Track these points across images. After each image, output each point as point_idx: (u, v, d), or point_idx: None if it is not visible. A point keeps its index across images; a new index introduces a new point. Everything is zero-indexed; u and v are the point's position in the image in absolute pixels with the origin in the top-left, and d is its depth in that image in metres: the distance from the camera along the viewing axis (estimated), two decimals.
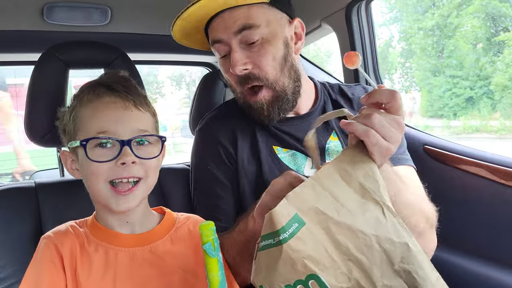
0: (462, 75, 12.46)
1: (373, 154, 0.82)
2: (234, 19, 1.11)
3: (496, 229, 1.33)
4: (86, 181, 0.94)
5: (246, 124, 1.25)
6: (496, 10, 11.23)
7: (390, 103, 0.85)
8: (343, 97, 1.32)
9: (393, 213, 0.80)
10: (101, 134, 0.90)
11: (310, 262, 0.78)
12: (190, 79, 14.10)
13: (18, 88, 5.75)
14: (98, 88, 0.95)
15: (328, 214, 0.79)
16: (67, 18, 1.48)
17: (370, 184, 0.81)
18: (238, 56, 1.11)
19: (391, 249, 0.77)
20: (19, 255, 1.12)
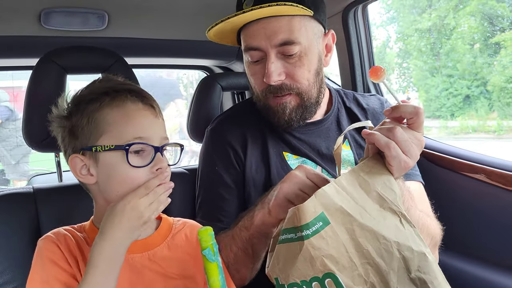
0: (459, 75, 12.47)
1: (391, 166, 0.84)
2: (276, 31, 1.10)
3: (493, 232, 1.33)
4: (115, 186, 0.90)
5: (258, 128, 1.25)
6: (493, 11, 11.25)
7: (413, 119, 0.87)
8: (357, 106, 1.33)
9: (409, 222, 0.81)
10: (137, 139, 0.89)
11: (330, 261, 0.79)
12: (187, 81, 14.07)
13: (16, 91, 5.73)
14: (125, 93, 0.94)
15: (353, 216, 0.81)
16: (64, 23, 1.48)
17: (388, 194, 0.83)
18: (275, 67, 1.11)
19: (410, 256, 0.79)
20: (18, 261, 1.12)
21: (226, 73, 2.08)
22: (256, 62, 1.16)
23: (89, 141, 0.92)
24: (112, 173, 0.90)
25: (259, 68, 1.15)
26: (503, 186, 1.30)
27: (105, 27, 1.54)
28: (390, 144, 0.83)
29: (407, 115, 0.87)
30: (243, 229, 1.04)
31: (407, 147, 0.84)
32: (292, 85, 1.14)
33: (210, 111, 1.65)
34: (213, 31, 1.15)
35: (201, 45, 1.87)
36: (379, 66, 0.93)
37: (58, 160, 1.45)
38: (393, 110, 0.88)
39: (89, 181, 0.94)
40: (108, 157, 0.90)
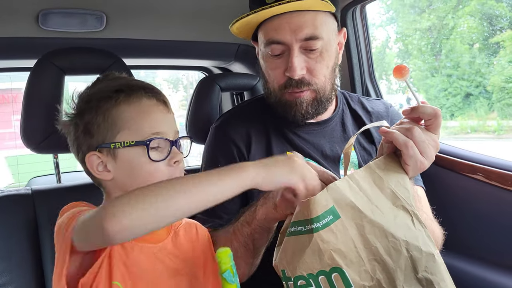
0: (458, 75, 12.49)
1: (407, 166, 0.85)
2: (301, 25, 1.10)
3: (493, 232, 1.33)
4: (137, 180, 0.91)
5: (262, 127, 1.26)
6: (492, 11, 11.27)
7: (431, 121, 0.88)
8: (362, 109, 1.34)
9: (421, 222, 0.82)
10: (154, 134, 0.92)
11: (338, 255, 0.79)
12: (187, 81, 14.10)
13: (14, 93, 5.74)
14: (137, 90, 0.95)
15: (364, 212, 0.81)
16: (62, 25, 1.47)
17: (401, 192, 0.83)
18: (299, 61, 1.12)
19: (418, 256, 0.79)
20: (16, 262, 1.13)
21: (225, 74, 2.08)
22: (277, 56, 1.16)
23: (106, 138, 0.93)
24: (133, 168, 0.92)
25: (279, 62, 1.16)
26: (503, 186, 1.29)
27: (103, 28, 1.54)
28: (408, 143, 0.84)
29: (426, 116, 0.88)
30: (244, 224, 1.05)
31: (424, 148, 0.85)
32: (310, 80, 1.15)
33: (209, 111, 1.65)
34: (237, 24, 1.16)
35: (200, 46, 1.87)
36: (403, 64, 0.94)
37: (57, 162, 1.45)
38: (412, 110, 0.89)
39: (106, 177, 0.95)
40: (127, 153, 0.92)
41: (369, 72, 1.79)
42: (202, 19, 1.67)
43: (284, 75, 1.15)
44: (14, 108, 5.53)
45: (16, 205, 1.19)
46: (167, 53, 1.89)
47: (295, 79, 1.13)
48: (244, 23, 1.15)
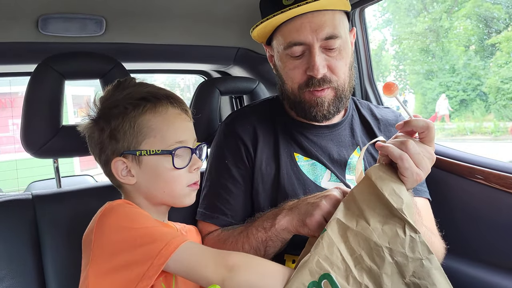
0: (454, 77, 12.53)
1: (404, 177, 0.88)
2: (322, 24, 1.12)
3: (493, 234, 1.34)
4: (160, 185, 0.98)
5: (270, 127, 1.27)
6: (488, 13, 11.32)
7: (425, 133, 0.91)
8: (371, 115, 1.35)
9: (414, 229, 0.84)
10: (178, 143, 0.97)
11: (325, 262, 0.84)
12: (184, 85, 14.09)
13: (13, 97, 5.73)
14: (162, 100, 0.99)
15: (348, 225, 0.87)
16: (62, 29, 1.47)
17: (395, 200, 0.86)
18: (320, 60, 1.13)
19: (404, 262, 0.83)
20: (17, 267, 1.12)
21: (224, 78, 2.08)
22: (297, 57, 1.16)
23: (131, 145, 0.97)
24: (156, 174, 0.97)
25: (299, 62, 1.16)
26: (501, 188, 1.30)
27: (103, 32, 1.54)
28: (403, 156, 0.87)
29: (419, 129, 0.91)
30: (260, 230, 1.06)
31: (419, 160, 0.88)
32: (331, 78, 1.16)
33: (209, 115, 1.65)
34: (258, 28, 1.17)
35: (199, 49, 1.87)
36: (392, 82, 0.97)
37: (57, 166, 1.45)
38: (405, 124, 0.92)
39: (130, 182, 0.99)
40: (152, 160, 0.97)
41: (368, 75, 1.79)
42: (201, 23, 1.68)
43: (304, 74, 1.16)
44: (12, 113, 5.52)
45: (17, 210, 1.18)
46: (167, 57, 1.89)
47: (318, 78, 1.14)
48: (262, 27, 1.17)
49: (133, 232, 0.86)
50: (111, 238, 0.87)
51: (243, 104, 2.08)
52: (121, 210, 0.91)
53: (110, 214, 0.90)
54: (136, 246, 0.84)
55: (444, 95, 12.09)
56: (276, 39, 1.20)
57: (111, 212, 0.91)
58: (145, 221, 0.89)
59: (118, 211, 0.91)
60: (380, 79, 13.46)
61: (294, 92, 1.20)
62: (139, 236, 0.85)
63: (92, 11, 1.47)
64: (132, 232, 0.86)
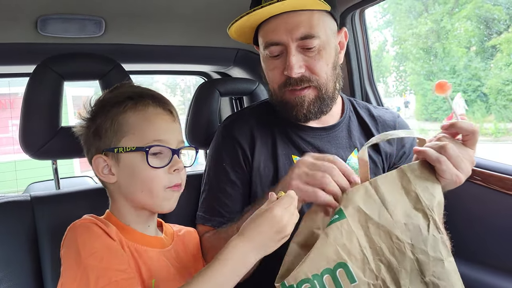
0: (455, 78, 12.53)
1: (443, 178, 0.88)
2: (297, 24, 1.12)
3: (492, 236, 1.33)
4: (137, 185, 0.96)
5: (268, 129, 1.27)
6: (489, 14, 11.32)
7: (469, 136, 0.92)
8: (369, 116, 1.34)
9: (438, 229, 0.84)
10: (156, 142, 0.95)
11: (342, 250, 0.83)
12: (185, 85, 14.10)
13: (12, 98, 5.73)
14: (145, 98, 0.99)
15: (368, 214, 0.85)
16: (61, 30, 1.47)
17: (426, 197, 0.86)
18: (296, 59, 1.13)
19: (425, 260, 0.82)
20: (15, 269, 1.12)
21: (224, 79, 2.08)
22: (276, 57, 1.17)
23: (111, 143, 0.96)
24: (133, 173, 0.95)
25: (278, 62, 1.17)
26: (501, 190, 1.29)
27: (102, 33, 1.54)
28: (441, 159, 0.88)
29: (463, 132, 0.92)
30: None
31: (459, 163, 0.89)
32: (311, 77, 1.16)
33: (208, 116, 1.65)
34: (234, 28, 1.17)
35: (199, 51, 1.87)
36: (445, 81, 0.98)
37: (55, 168, 1.44)
38: (450, 126, 0.92)
39: (110, 180, 0.98)
40: (129, 158, 0.95)
41: (368, 76, 1.79)
42: (201, 24, 1.67)
43: (282, 74, 1.16)
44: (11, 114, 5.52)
45: (15, 212, 1.18)
46: (166, 58, 1.89)
47: (294, 77, 1.14)
48: (240, 26, 1.17)
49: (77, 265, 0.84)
50: (64, 260, 0.88)
51: (243, 105, 2.08)
52: (79, 234, 0.89)
53: (69, 236, 0.90)
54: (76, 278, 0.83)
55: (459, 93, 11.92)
56: (259, 39, 1.21)
57: (71, 232, 0.91)
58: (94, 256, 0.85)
59: (76, 233, 0.89)
60: (380, 79, 13.46)
61: (276, 92, 1.21)
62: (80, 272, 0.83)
63: (91, 12, 1.46)
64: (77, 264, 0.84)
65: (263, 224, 0.83)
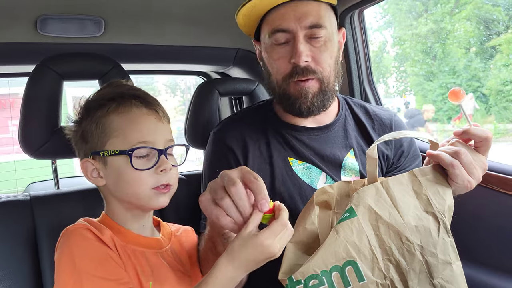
0: (455, 79, 12.53)
1: (454, 183, 0.89)
2: (306, 13, 1.13)
3: (492, 235, 1.33)
4: (124, 187, 0.95)
5: (261, 132, 1.26)
6: (488, 15, 11.32)
7: (482, 143, 0.93)
8: (365, 114, 1.34)
9: (448, 233, 0.85)
10: (141, 143, 0.94)
11: (352, 248, 0.83)
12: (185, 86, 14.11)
13: (12, 98, 5.73)
14: (128, 99, 0.98)
15: (379, 214, 0.86)
16: (61, 30, 1.47)
17: (437, 200, 0.87)
18: (304, 47, 1.13)
19: (434, 263, 0.83)
20: (14, 268, 1.12)
21: (224, 79, 2.08)
22: (282, 45, 1.16)
23: (97, 146, 0.96)
24: (119, 175, 0.95)
25: (284, 51, 1.16)
26: (501, 190, 1.30)
27: (102, 33, 1.54)
28: (454, 163, 0.88)
29: (477, 138, 0.93)
30: None
31: (471, 169, 0.90)
32: (316, 69, 1.16)
33: (208, 116, 1.65)
34: (242, 13, 1.18)
35: (199, 51, 1.87)
36: (459, 88, 0.99)
37: (55, 167, 1.44)
38: (463, 132, 0.94)
39: (99, 183, 0.98)
40: (115, 160, 0.95)
41: (368, 76, 1.79)
42: (201, 24, 1.68)
43: (289, 63, 1.16)
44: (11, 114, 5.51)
45: (14, 211, 1.18)
46: (166, 58, 1.89)
47: (301, 66, 1.14)
48: (248, 13, 1.17)
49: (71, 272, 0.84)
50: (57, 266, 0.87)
51: (242, 105, 2.08)
52: (73, 241, 0.89)
53: (63, 241, 0.90)
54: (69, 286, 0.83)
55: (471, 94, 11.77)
56: (262, 30, 1.21)
57: (64, 238, 0.90)
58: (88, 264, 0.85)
59: (69, 240, 0.89)
60: (380, 80, 13.46)
61: (279, 84, 1.20)
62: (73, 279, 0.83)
63: (91, 11, 1.46)
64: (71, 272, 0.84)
65: (253, 253, 0.77)
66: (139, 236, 0.99)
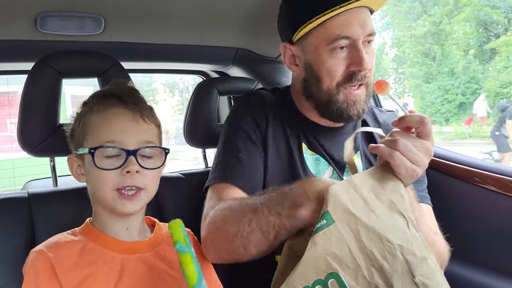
0: (453, 81, 12.55)
1: (399, 174, 0.88)
2: (365, 20, 1.13)
3: (490, 237, 1.34)
4: (92, 187, 0.97)
5: (280, 114, 1.25)
6: (487, 17, 11.34)
7: (420, 128, 0.91)
8: (373, 120, 1.34)
9: (415, 227, 0.84)
10: (109, 143, 0.93)
11: (333, 259, 0.80)
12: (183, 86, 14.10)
13: (10, 96, 5.72)
14: (108, 98, 0.98)
15: (358, 217, 0.83)
16: (60, 28, 1.47)
17: (397, 198, 0.86)
18: (366, 55, 1.12)
19: (413, 261, 0.81)
20: (12, 266, 1.11)
21: (223, 78, 2.08)
22: (339, 51, 1.13)
23: (78, 144, 0.98)
24: (89, 173, 0.97)
25: (342, 58, 1.14)
26: (499, 191, 1.30)
27: (102, 31, 1.54)
28: (393, 154, 0.87)
29: (414, 125, 0.91)
30: (274, 214, 0.96)
31: (413, 157, 0.88)
32: (367, 75, 1.15)
33: (207, 115, 1.65)
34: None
35: (198, 49, 1.87)
36: (383, 80, 1.00)
37: (53, 165, 1.44)
38: (399, 121, 0.93)
39: (82, 180, 1.01)
40: (87, 159, 0.96)
41: None
42: (201, 23, 1.67)
43: (346, 70, 1.14)
44: (10, 111, 5.51)
45: (12, 209, 1.17)
46: (165, 57, 1.89)
47: (361, 73, 1.13)
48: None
49: None
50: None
51: None
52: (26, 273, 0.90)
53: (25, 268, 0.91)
54: None
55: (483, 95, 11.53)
56: (312, 36, 1.16)
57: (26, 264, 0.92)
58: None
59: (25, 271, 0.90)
60: None
61: (330, 91, 1.16)
62: None
63: (91, 9, 1.46)
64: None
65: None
66: (118, 241, 0.97)
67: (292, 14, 1.18)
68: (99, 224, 0.99)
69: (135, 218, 1.01)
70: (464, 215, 1.40)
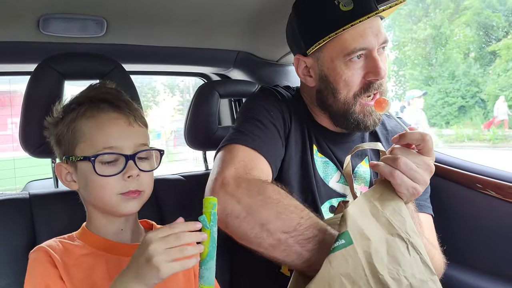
0: (454, 84, 12.56)
1: (400, 193, 0.88)
2: (379, 29, 1.13)
3: (489, 242, 1.34)
4: (92, 193, 0.95)
5: (299, 115, 1.24)
6: (488, 20, 11.35)
7: (421, 145, 0.90)
8: (381, 127, 1.34)
9: (416, 249, 0.83)
10: (107, 149, 0.93)
11: (347, 281, 0.79)
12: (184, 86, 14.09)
13: (12, 95, 5.72)
14: (98, 103, 0.97)
15: (371, 240, 0.82)
16: (63, 30, 1.47)
17: (397, 220, 0.85)
18: (381, 64, 1.12)
19: (416, 284, 0.80)
20: (13, 267, 1.11)
21: (224, 80, 2.08)
22: (355, 61, 1.12)
23: (68, 150, 0.97)
24: (86, 181, 0.95)
25: (358, 68, 1.13)
26: (499, 196, 1.30)
27: (104, 33, 1.54)
28: (393, 173, 0.87)
29: (414, 142, 0.91)
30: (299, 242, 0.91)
31: (413, 175, 0.88)
32: (382, 83, 1.15)
33: (208, 118, 1.65)
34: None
35: (199, 52, 1.87)
36: (383, 98, 1.00)
37: (54, 166, 1.45)
38: (400, 138, 0.92)
39: (73, 187, 1.00)
40: (82, 166, 0.95)
41: None
42: (202, 26, 1.68)
43: (363, 80, 1.13)
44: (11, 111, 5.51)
45: (13, 210, 1.18)
46: (167, 59, 1.90)
47: (377, 82, 1.13)
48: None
49: None
50: None
51: None
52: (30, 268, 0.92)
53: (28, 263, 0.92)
54: None
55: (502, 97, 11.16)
56: (327, 48, 1.15)
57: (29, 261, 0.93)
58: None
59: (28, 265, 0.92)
60: None
61: (347, 102, 1.15)
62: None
63: (93, 12, 1.47)
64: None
65: (137, 251, 0.79)
66: (115, 244, 0.98)
67: (308, 29, 1.17)
68: (94, 227, 1.00)
69: (130, 219, 1.02)
70: (465, 220, 1.41)
